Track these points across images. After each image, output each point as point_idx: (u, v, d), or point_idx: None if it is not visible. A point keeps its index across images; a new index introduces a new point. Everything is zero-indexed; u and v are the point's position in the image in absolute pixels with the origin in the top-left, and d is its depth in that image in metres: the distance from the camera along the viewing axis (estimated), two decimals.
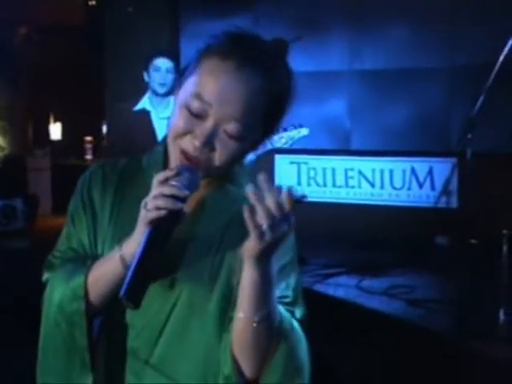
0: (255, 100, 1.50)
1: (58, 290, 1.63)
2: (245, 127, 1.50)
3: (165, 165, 1.62)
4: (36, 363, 1.73)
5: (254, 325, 1.48)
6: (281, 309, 1.54)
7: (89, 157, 12.19)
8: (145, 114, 5.20)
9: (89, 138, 12.31)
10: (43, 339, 1.68)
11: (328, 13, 5.65)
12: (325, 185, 5.23)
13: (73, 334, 1.60)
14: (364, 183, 5.11)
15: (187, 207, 1.49)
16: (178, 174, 1.44)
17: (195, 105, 1.50)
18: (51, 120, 13.28)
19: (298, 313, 1.61)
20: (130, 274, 1.39)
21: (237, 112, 1.49)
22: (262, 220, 1.36)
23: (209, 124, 1.49)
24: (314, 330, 1.69)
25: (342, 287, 3.87)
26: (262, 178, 1.38)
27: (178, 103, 1.56)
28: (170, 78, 5.13)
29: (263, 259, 1.43)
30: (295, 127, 4.49)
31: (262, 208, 1.36)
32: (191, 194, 1.46)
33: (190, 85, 1.54)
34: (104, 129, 11.93)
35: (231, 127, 1.49)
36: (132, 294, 1.38)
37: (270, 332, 1.50)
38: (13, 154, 12.16)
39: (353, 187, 5.12)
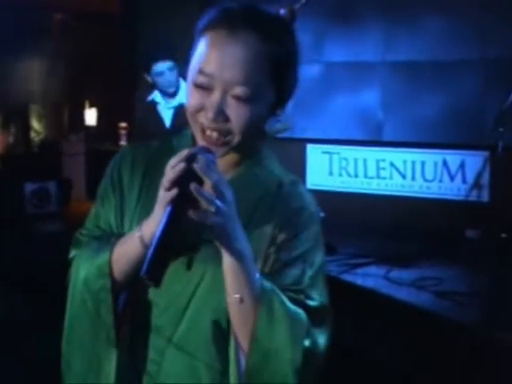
0: (254, 61, 1.52)
1: (83, 268, 1.67)
2: (251, 88, 1.52)
3: (193, 145, 1.64)
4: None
5: (235, 303, 1.52)
6: (266, 287, 1.54)
7: (123, 143, 12.22)
8: (153, 104, 5.26)
9: (123, 124, 12.35)
10: (69, 316, 1.73)
11: (363, 3, 5.63)
12: (356, 175, 5.23)
13: (99, 310, 1.64)
14: (395, 174, 5.10)
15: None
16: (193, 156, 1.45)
17: (199, 79, 1.54)
18: (86, 106, 13.36)
19: (311, 302, 1.61)
20: (150, 253, 1.41)
21: (238, 74, 1.51)
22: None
23: (216, 94, 1.53)
24: (341, 320, 1.71)
25: (370, 277, 3.87)
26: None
27: (188, 83, 1.60)
28: (174, 75, 5.14)
29: (226, 240, 1.47)
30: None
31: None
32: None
33: (193, 63, 1.58)
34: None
35: (237, 91, 1.51)
36: (152, 273, 1.40)
37: (251, 309, 1.52)
38: (48, 139, 12.26)
39: (384, 178, 5.11)
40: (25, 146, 11.98)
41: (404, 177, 5.04)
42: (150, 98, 5.33)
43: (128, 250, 1.60)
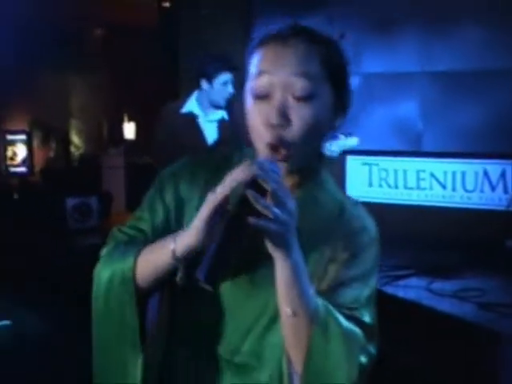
0: (308, 59, 1.55)
1: (107, 269, 1.69)
2: (310, 81, 1.53)
3: None
4: None
5: (287, 317, 1.52)
6: (320, 304, 1.54)
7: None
8: (192, 116, 5.20)
9: None
10: (94, 316, 1.75)
11: (401, 13, 5.62)
12: (396, 186, 5.19)
13: (123, 312, 1.65)
14: (436, 185, 5.05)
15: None
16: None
17: (257, 85, 1.56)
18: (125, 119, 13.45)
19: (365, 318, 1.63)
20: (208, 256, 1.42)
21: (295, 68, 1.52)
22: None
23: (276, 96, 1.54)
24: (383, 331, 1.71)
25: (412, 289, 3.84)
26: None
27: (247, 101, 1.61)
28: (231, 89, 5.13)
29: (281, 250, 1.46)
30: (345, 136, 4.52)
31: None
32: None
33: (249, 81, 1.61)
34: None
35: (297, 86, 1.52)
36: (209, 277, 1.40)
37: (304, 324, 1.51)
38: (88, 153, 12.37)
39: (424, 189, 5.07)
40: (65, 161, 12.09)
41: (444, 187, 5.00)
42: (185, 109, 5.27)
43: (158, 259, 1.61)
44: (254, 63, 1.59)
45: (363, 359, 1.56)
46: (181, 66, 7.21)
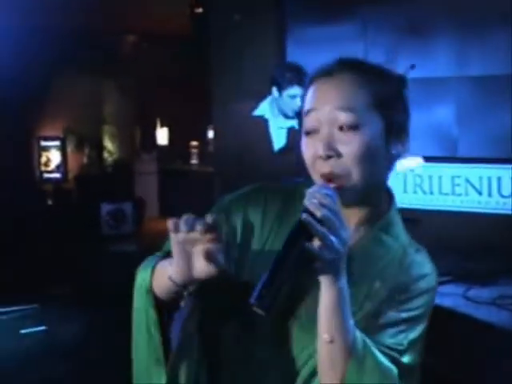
0: (352, 90, 1.56)
1: (138, 275, 1.67)
2: (354, 113, 1.54)
3: None
4: None
5: (325, 343, 1.51)
6: (359, 336, 1.52)
7: (194, 161, 12.36)
8: (261, 120, 5.15)
9: (194, 143, 12.48)
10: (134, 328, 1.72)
11: (436, 18, 5.58)
12: (431, 192, 5.15)
13: (149, 327, 1.62)
14: (471, 191, 5.01)
15: None
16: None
17: (307, 125, 1.59)
18: (158, 125, 13.50)
19: (405, 359, 1.60)
20: (262, 280, 1.41)
21: (338, 102, 1.54)
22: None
23: (323, 131, 1.55)
24: None
25: (448, 296, 3.80)
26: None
27: (302, 137, 1.63)
28: (299, 102, 5.05)
29: (329, 277, 1.47)
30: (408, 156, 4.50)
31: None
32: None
33: (303, 114, 1.62)
34: (209, 134, 12.08)
35: (341, 118, 1.53)
36: (261, 301, 1.39)
37: (341, 354, 1.50)
38: (121, 159, 12.44)
39: (459, 195, 5.03)
40: (98, 167, 12.16)
41: (480, 193, 4.95)
42: (257, 112, 5.20)
43: (161, 281, 1.56)
44: (305, 101, 1.63)
45: None
46: (213, 71, 7.21)
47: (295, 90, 4.92)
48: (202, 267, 1.41)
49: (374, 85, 1.58)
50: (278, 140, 5.10)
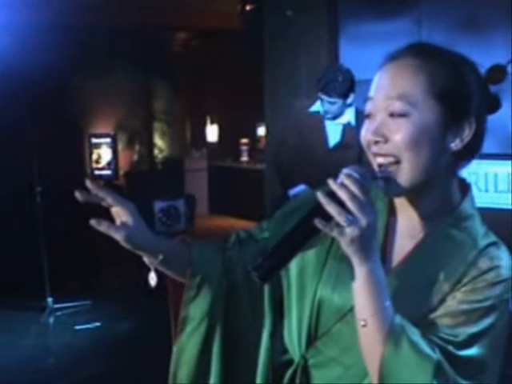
0: (407, 77, 1.53)
1: None
2: (405, 102, 1.51)
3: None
4: None
5: (360, 327, 1.49)
6: (397, 321, 1.49)
7: (244, 159, 12.37)
8: (317, 117, 5.13)
9: (245, 140, 12.49)
10: None
11: (491, 13, 5.51)
12: (486, 190, 5.10)
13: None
14: None
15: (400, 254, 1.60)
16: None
17: (366, 108, 1.59)
18: (208, 122, 13.54)
19: (462, 352, 1.51)
20: (269, 252, 1.47)
21: (391, 91, 1.53)
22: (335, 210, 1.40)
23: (377, 117, 1.55)
24: None
25: None
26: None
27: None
28: (338, 105, 5.01)
29: (355, 258, 1.45)
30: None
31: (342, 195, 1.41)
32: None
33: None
34: (259, 131, 12.08)
35: (392, 107, 1.52)
36: (259, 270, 1.44)
37: (375, 338, 1.48)
38: (171, 156, 12.50)
39: None
40: (149, 164, 12.24)
41: None
42: (313, 109, 5.18)
43: None
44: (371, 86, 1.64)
45: None
46: (266, 68, 7.19)
47: (335, 99, 4.91)
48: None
49: (435, 71, 1.54)
50: (334, 136, 5.08)
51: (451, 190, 1.61)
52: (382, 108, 1.54)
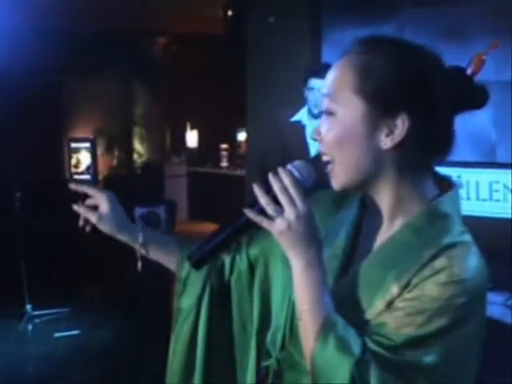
0: (342, 72, 1.50)
1: None
2: (332, 100, 1.51)
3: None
4: None
5: (299, 316, 1.50)
6: (331, 319, 1.46)
7: (224, 164, 12.36)
8: (298, 126, 5.13)
9: (224, 146, 12.48)
10: None
11: (473, 22, 5.52)
12: (468, 198, 5.09)
13: None
14: (510, 197, 4.94)
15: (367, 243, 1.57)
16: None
17: None
18: (188, 127, 13.52)
19: (402, 356, 1.42)
20: (207, 240, 1.56)
21: (326, 89, 1.53)
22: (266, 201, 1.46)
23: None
24: None
25: (488, 305, 3.74)
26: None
27: None
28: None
29: (288, 252, 1.48)
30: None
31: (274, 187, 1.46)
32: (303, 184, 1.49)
33: None
34: (239, 136, 12.07)
35: (323, 105, 1.54)
36: (197, 257, 1.56)
37: (309, 333, 1.46)
38: (150, 161, 12.47)
39: (497, 201, 4.96)
40: (128, 169, 12.20)
41: None
42: (294, 118, 5.17)
43: None
44: None
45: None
46: (247, 74, 7.18)
47: (314, 83, 4.91)
48: None
49: (367, 67, 1.48)
50: (315, 146, 5.07)
51: (418, 187, 1.54)
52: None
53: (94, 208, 1.88)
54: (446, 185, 1.58)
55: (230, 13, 8.57)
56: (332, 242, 1.63)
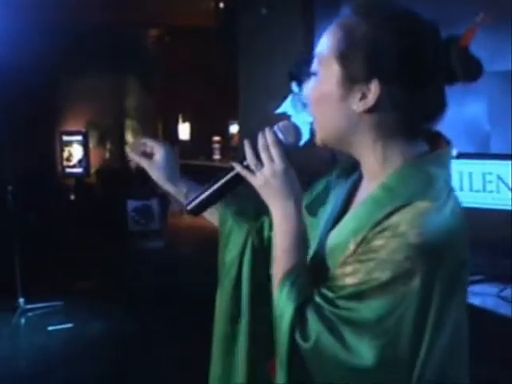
0: (326, 38, 1.51)
1: None
2: (316, 61, 1.54)
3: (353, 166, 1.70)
4: None
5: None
6: (294, 272, 1.52)
7: (217, 157, 12.35)
8: (285, 117, 5.12)
9: (217, 138, 12.47)
10: None
11: (464, 12, 5.50)
12: (461, 189, 5.09)
13: None
14: (503, 188, 4.93)
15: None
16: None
17: None
18: (180, 120, 13.50)
19: (336, 308, 1.43)
20: (202, 190, 1.68)
21: (316, 51, 1.55)
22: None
23: None
24: None
25: (481, 296, 3.74)
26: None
27: None
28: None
29: (268, 203, 1.60)
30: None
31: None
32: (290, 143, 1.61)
33: None
34: (232, 129, 12.05)
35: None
36: (194, 205, 1.70)
37: (277, 275, 1.55)
38: None
39: (491, 192, 4.95)
40: (120, 161, 12.18)
41: None
42: (280, 110, 5.17)
43: None
44: None
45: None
46: (240, 66, 7.16)
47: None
48: None
49: (349, 31, 1.48)
50: (304, 135, 5.06)
51: (401, 149, 1.52)
52: None
53: (150, 156, 1.96)
54: (443, 144, 1.58)
55: (221, 5, 8.55)
56: (332, 209, 1.68)
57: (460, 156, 5.18)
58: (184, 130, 13.56)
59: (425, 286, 1.36)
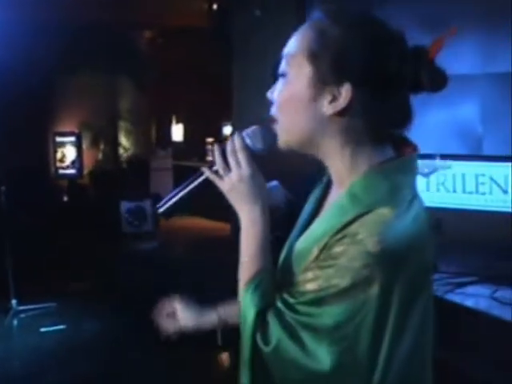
0: (295, 39, 1.53)
1: None
2: (285, 61, 1.54)
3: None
4: None
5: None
6: (257, 277, 1.55)
7: (210, 158, 12.31)
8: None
9: (210, 140, 12.47)
10: None
11: (459, 14, 5.50)
12: (454, 191, 5.09)
13: None
14: (495, 189, 4.94)
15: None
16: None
17: None
18: (173, 121, 13.49)
19: (281, 304, 1.47)
20: (173, 193, 1.70)
21: (284, 52, 1.56)
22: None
23: None
24: (445, 340, 1.63)
25: (475, 297, 3.75)
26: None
27: None
28: None
29: (236, 207, 1.62)
30: (441, 158, 4.49)
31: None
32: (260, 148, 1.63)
33: None
34: (225, 130, 12.05)
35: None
36: (166, 208, 1.71)
37: (243, 279, 1.57)
38: (136, 155, 12.43)
39: (484, 193, 4.96)
40: (114, 162, 12.17)
41: (505, 192, 4.88)
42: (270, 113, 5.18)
43: None
44: None
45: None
46: (233, 67, 7.16)
47: None
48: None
49: (319, 33, 1.49)
50: None
51: (368, 155, 1.52)
52: None
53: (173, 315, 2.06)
54: (410, 149, 1.56)
55: (215, 6, 8.55)
56: (307, 213, 1.70)
57: (453, 157, 5.20)
58: (177, 132, 13.56)
59: (384, 293, 1.37)
